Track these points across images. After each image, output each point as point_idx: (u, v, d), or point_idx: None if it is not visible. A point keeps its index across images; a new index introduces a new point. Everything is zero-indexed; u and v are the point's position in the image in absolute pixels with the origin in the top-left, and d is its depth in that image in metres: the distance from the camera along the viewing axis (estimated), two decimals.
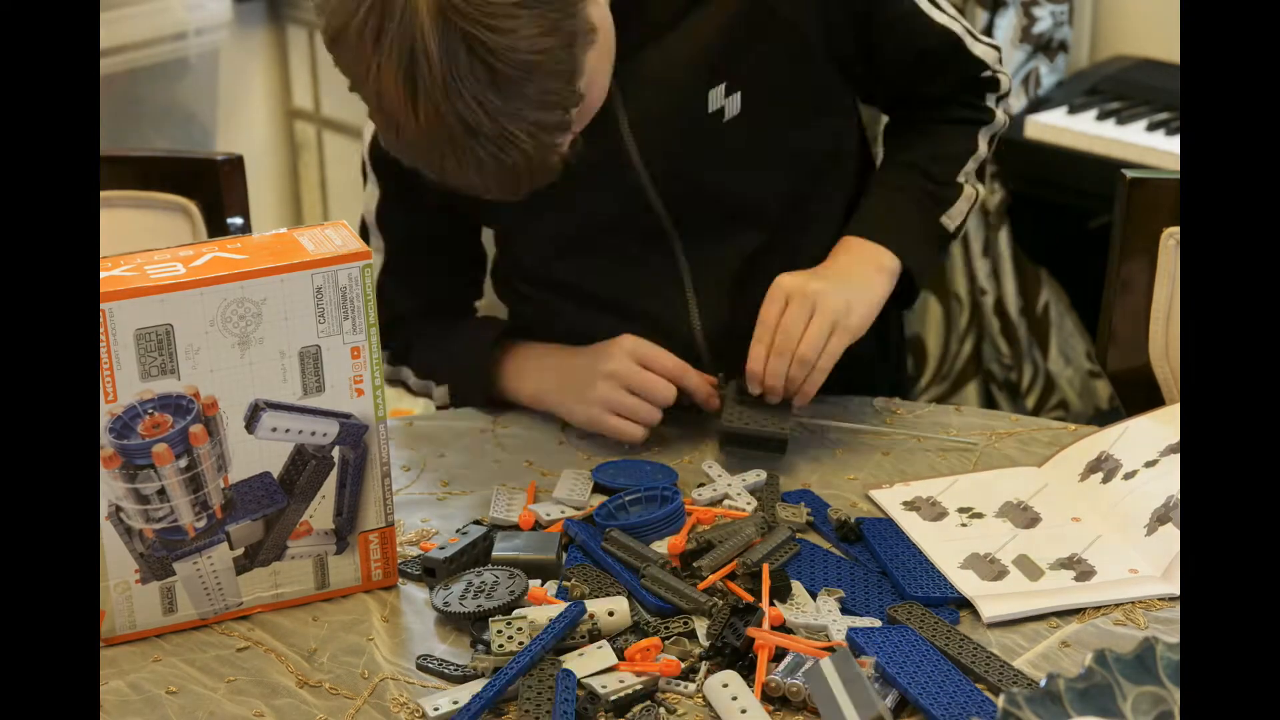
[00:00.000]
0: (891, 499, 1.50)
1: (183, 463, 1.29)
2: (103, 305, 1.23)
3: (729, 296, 1.65)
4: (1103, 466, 1.52)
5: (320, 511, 1.35)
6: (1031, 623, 1.33)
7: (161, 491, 1.29)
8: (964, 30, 1.66)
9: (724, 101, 1.57)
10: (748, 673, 1.25)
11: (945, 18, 1.64)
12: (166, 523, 1.30)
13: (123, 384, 1.26)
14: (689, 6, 1.56)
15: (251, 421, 1.30)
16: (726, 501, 1.50)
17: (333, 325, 1.31)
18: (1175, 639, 1.06)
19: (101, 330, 1.23)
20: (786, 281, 1.56)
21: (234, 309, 1.28)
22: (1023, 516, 1.47)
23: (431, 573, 1.37)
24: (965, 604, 1.35)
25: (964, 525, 1.46)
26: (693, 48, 1.56)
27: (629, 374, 1.58)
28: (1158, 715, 1.05)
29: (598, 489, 1.52)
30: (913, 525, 1.45)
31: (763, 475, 1.53)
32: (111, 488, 1.28)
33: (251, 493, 1.32)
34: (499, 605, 1.31)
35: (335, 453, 1.34)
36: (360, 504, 1.36)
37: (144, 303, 1.25)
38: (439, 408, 1.74)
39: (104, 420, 1.25)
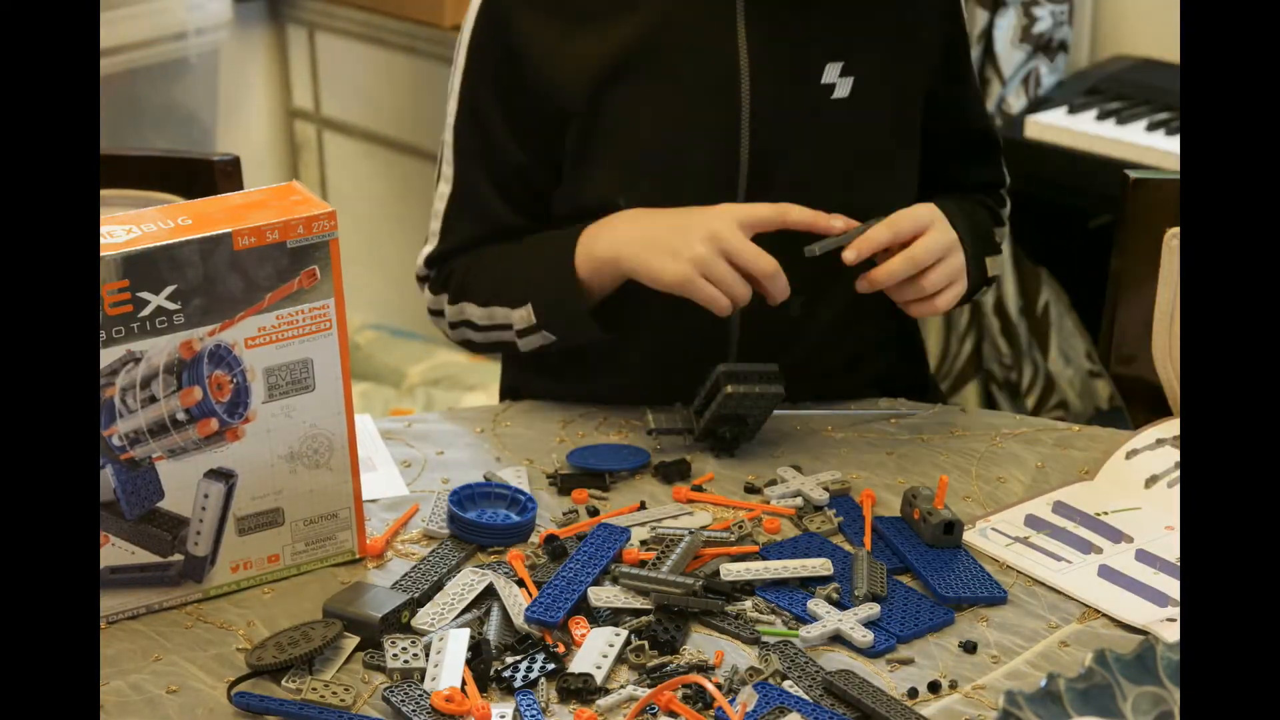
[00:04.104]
0: (990, 543, 1.43)
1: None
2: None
3: None
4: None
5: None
6: (1031, 622, 1.33)
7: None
8: (999, 143, 1.75)
9: (836, 80, 1.57)
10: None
11: (990, 122, 1.75)
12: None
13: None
14: None
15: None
16: (800, 498, 1.49)
17: None
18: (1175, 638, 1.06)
19: None
20: (937, 218, 1.52)
21: None
22: (1118, 533, 1.44)
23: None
24: (962, 605, 1.35)
25: (1072, 549, 1.43)
26: (830, 18, 1.55)
27: (732, 239, 1.47)
28: (1158, 715, 1.05)
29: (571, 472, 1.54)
30: (1025, 561, 1.41)
31: (838, 474, 1.53)
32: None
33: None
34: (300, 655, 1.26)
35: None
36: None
37: None
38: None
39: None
